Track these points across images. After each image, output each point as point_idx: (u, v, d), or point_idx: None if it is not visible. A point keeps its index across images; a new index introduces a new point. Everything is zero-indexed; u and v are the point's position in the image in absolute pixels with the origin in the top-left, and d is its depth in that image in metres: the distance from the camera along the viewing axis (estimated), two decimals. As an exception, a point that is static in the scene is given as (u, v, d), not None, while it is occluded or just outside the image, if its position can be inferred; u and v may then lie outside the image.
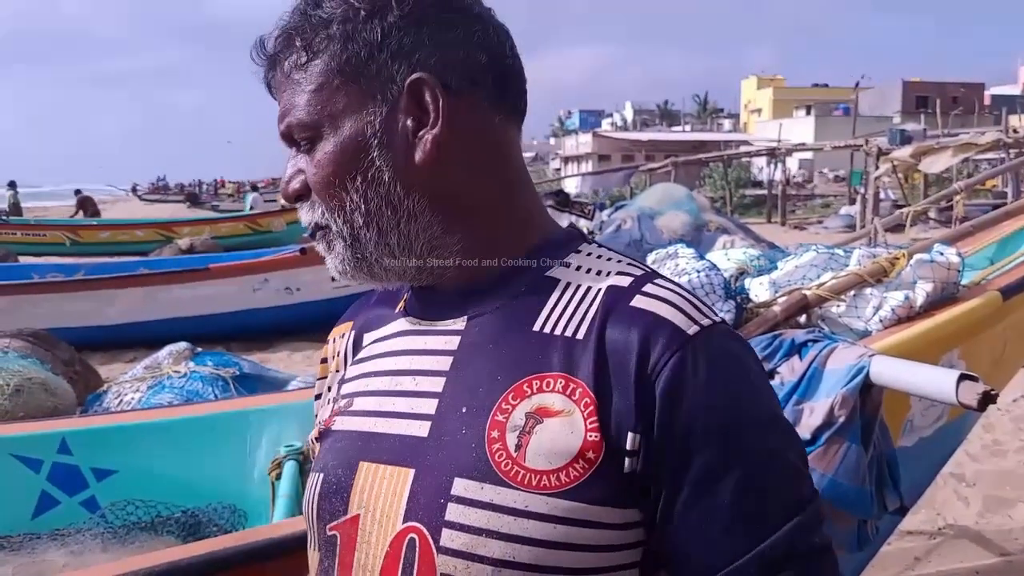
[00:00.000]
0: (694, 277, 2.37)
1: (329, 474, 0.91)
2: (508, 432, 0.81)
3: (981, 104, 46.64)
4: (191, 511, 2.59)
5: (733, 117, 74.96)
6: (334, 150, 0.87)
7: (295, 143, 0.90)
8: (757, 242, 8.57)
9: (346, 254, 0.90)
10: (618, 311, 0.83)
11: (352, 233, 0.89)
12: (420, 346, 0.92)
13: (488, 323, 0.88)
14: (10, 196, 22.65)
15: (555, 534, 0.78)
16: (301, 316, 8.28)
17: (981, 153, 14.32)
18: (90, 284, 8.63)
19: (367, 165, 0.86)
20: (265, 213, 19.39)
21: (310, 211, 0.90)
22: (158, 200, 49.80)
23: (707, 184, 30.38)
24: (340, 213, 0.88)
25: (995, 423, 5.25)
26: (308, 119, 0.87)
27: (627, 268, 0.89)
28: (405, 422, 0.87)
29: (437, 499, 0.81)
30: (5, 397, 3.11)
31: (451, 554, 0.79)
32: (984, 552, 3.59)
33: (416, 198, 0.87)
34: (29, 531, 2.42)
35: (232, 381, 3.62)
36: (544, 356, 0.84)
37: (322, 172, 0.87)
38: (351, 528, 0.86)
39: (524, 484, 0.79)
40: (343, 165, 0.87)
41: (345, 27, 0.86)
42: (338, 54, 0.86)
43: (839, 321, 2.38)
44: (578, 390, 0.81)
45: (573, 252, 0.92)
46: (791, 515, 0.79)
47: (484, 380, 0.85)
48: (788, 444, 0.84)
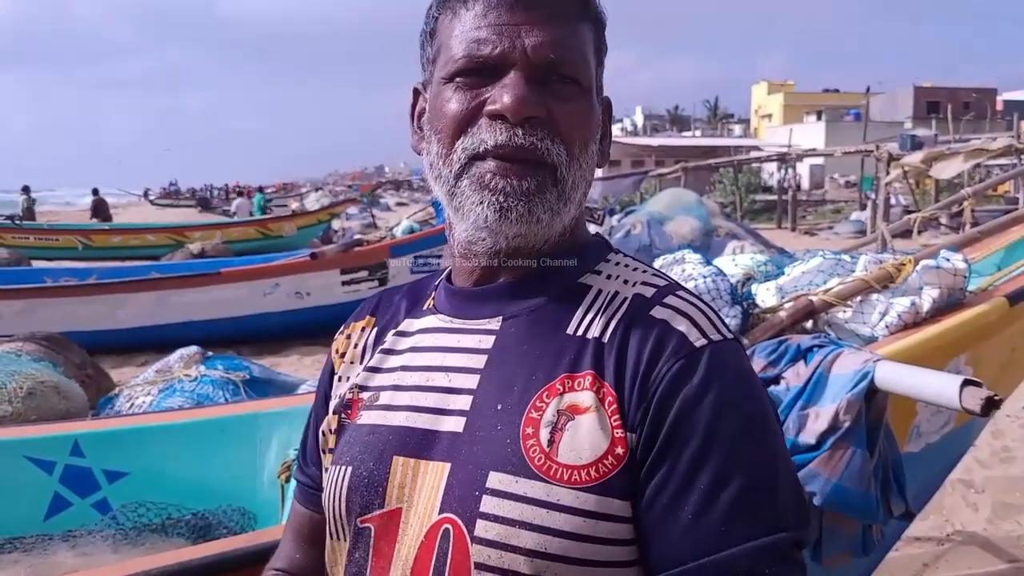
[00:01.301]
0: (701, 283, 2.38)
1: (359, 467, 0.93)
2: (542, 428, 0.84)
3: (993, 109, 46.40)
4: (201, 513, 2.61)
5: (744, 122, 74.77)
6: (594, 110, 0.94)
7: (548, 72, 0.89)
8: (767, 247, 8.55)
9: (554, 204, 0.90)
10: (640, 318, 0.88)
11: (570, 187, 0.91)
12: (454, 344, 0.95)
13: (523, 324, 0.92)
14: (24, 201, 22.78)
15: (584, 527, 0.81)
16: (311, 320, 8.31)
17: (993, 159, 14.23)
18: (102, 288, 8.66)
19: (593, 142, 0.94)
20: (276, 218, 19.47)
21: (541, 137, 0.88)
22: (170, 204, 49.97)
23: (717, 189, 30.29)
24: (576, 165, 0.91)
25: (1004, 429, 5.23)
26: (587, 67, 0.92)
27: (652, 279, 0.94)
28: (439, 417, 0.90)
29: (472, 491, 0.84)
30: (18, 400, 3.14)
31: (485, 544, 0.82)
32: (993, 559, 3.57)
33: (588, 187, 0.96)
34: (41, 532, 2.44)
35: (242, 385, 3.63)
36: (576, 356, 0.88)
37: (585, 119, 0.92)
38: (390, 521, 0.89)
39: (557, 478, 0.82)
40: (595, 127, 0.95)
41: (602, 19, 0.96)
42: (597, 36, 0.95)
43: (845, 327, 2.39)
44: (603, 389, 0.85)
45: (603, 260, 0.97)
46: (762, 533, 0.79)
47: (519, 379, 0.88)
48: (771, 463, 0.84)
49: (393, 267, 8.75)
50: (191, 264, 11.10)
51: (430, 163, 0.94)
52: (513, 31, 0.87)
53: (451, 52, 0.90)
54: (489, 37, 0.88)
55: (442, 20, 0.93)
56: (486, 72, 0.88)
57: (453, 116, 0.89)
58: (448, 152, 0.90)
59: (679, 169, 25.09)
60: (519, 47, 0.87)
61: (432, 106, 0.94)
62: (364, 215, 26.61)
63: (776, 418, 0.90)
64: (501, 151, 0.87)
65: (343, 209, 22.58)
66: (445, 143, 0.91)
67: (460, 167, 0.89)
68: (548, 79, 0.88)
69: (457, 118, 0.89)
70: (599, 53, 0.95)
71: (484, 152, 0.88)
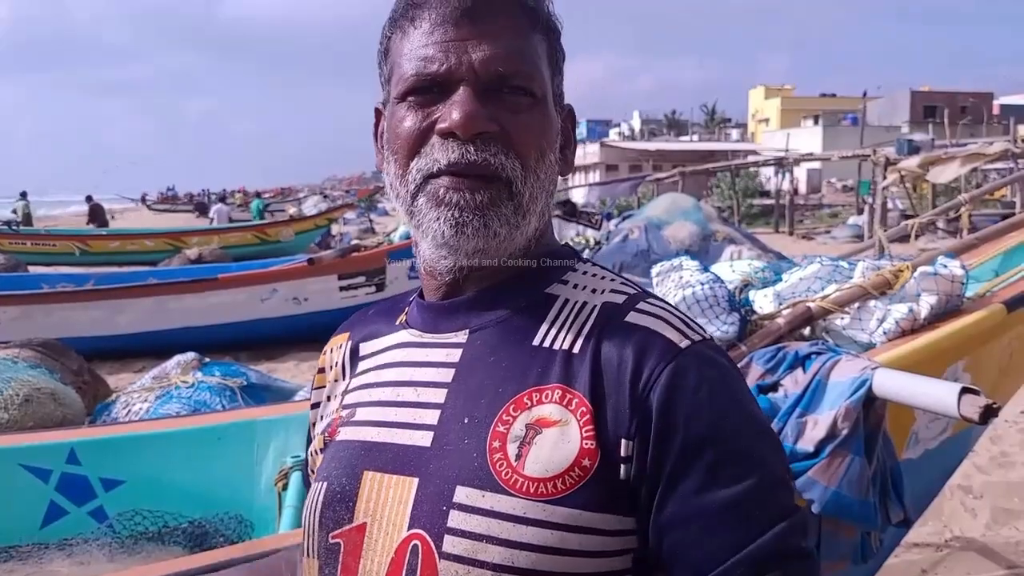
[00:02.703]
0: (698, 289, 2.37)
1: (333, 483, 0.93)
2: (509, 443, 0.84)
3: (990, 114, 46.44)
4: (198, 521, 2.60)
5: (741, 127, 74.82)
6: (549, 120, 0.93)
7: (498, 84, 0.88)
8: (764, 252, 8.57)
9: (509, 217, 0.89)
10: (613, 326, 0.88)
11: (527, 200, 0.90)
12: (422, 358, 0.95)
13: (489, 337, 0.92)
14: (22, 206, 22.76)
15: (552, 540, 0.81)
16: (309, 326, 8.29)
17: (990, 163, 14.26)
18: (99, 294, 8.65)
19: (551, 151, 0.93)
20: (274, 223, 19.48)
21: (493, 153, 0.87)
22: (167, 210, 49.98)
23: (714, 194, 30.34)
24: (531, 178, 0.90)
25: (1002, 435, 5.23)
26: (539, 77, 0.91)
27: (620, 287, 0.94)
28: (408, 432, 0.90)
29: (439, 506, 0.84)
30: (14, 407, 3.13)
31: (453, 559, 0.82)
32: (991, 564, 3.57)
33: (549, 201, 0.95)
34: (37, 541, 2.43)
35: (239, 391, 3.63)
36: (543, 369, 0.87)
37: (538, 132, 0.91)
38: (357, 536, 0.89)
39: (523, 492, 0.82)
40: (551, 137, 0.93)
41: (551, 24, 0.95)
42: (551, 45, 0.95)
43: (843, 333, 2.38)
44: (575, 400, 0.84)
45: (570, 270, 0.97)
46: (777, 519, 0.81)
47: (486, 392, 0.88)
48: (774, 452, 0.87)
49: (391, 272, 8.74)
50: (189, 269, 11.11)
51: (390, 183, 0.94)
52: (460, 47, 0.87)
53: (402, 71, 0.90)
54: (436, 55, 0.88)
55: (393, 39, 0.93)
56: (436, 89, 0.88)
57: (406, 136, 0.89)
58: (404, 172, 0.90)
59: (677, 174, 25.13)
60: (466, 62, 0.87)
61: (388, 126, 0.94)
62: (362, 220, 26.64)
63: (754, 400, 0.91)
64: (454, 168, 0.87)
65: (341, 214, 22.60)
66: (401, 163, 0.91)
67: (416, 187, 0.89)
68: (499, 92, 0.88)
69: (410, 138, 0.89)
70: (554, 62, 0.94)
71: (438, 171, 0.88)
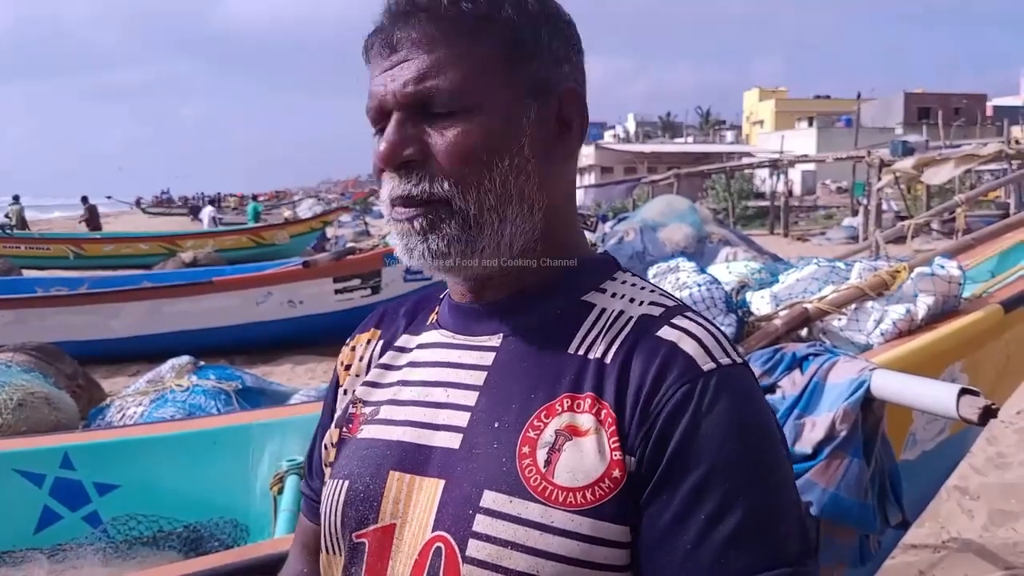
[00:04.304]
0: (695, 291, 2.37)
1: (356, 482, 0.92)
2: (539, 449, 0.83)
3: (983, 115, 46.56)
4: (193, 525, 2.59)
5: (735, 129, 74.98)
6: (491, 127, 0.86)
7: (422, 106, 0.86)
8: (760, 254, 8.55)
9: (457, 234, 0.86)
10: (645, 339, 0.85)
11: (476, 214, 0.86)
12: (454, 359, 0.93)
13: (523, 342, 0.90)
14: (15, 210, 22.71)
15: (577, 551, 0.79)
16: (304, 329, 8.30)
17: (983, 164, 14.31)
18: (94, 298, 8.63)
19: (517, 151, 0.87)
20: (269, 226, 19.46)
21: (416, 183, 0.86)
22: (162, 213, 49.90)
23: (709, 196, 30.41)
24: (474, 191, 0.85)
25: (999, 436, 5.24)
26: (466, 87, 0.85)
27: (659, 299, 0.91)
28: (436, 433, 0.89)
29: (466, 510, 0.83)
30: (8, 411, 3.11)
31: (476, 564, 0.81)
32: (988, 565, 3.57)
33: (542, 198, 0.90)
34: (31, 546, 2.42)
35: (234, 395, 3.61)
36: (577, 377, 0.86)
37: (468, 145, 0.85)
38: (384, 537, 0.88)
39: (551, 500, 0.80)
40: (495, 144, 0.86)
41: (517, 11, 0.87)
42: (510, 35, 0.87)
43: (840, 335, 2.38)
44: (604, 411, 0.83)
45: (609, 279, 0.94)
46: (766, 566, 0.77)
47: (517, 397, 0.86)
48: (779, 495, 0.82)
49: (386, 275, 8.72)
50: (183, 273, 11.06)
51: None
52: (388, 77, 0.87)
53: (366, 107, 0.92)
54: (374, 90, 0.89)
55: None
56: (385, 122, 0.89)
57: (374, 168, 0.91)
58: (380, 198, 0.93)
59: (672, 176, 25.20)
60: (390, 92, 0.87)
61: None
62: (357, 223, 26.62)
63: (784, 443, 0.86)
64: (394, 201, 0.89)
65: (336, 217, 22.58)
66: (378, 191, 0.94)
67: (387, 212, 0.91)
68: (427, 113, 0.86)
69: (375, 170, 0.91)
70: (515, 53, 0.87)
71: (389, 202, 0.90)
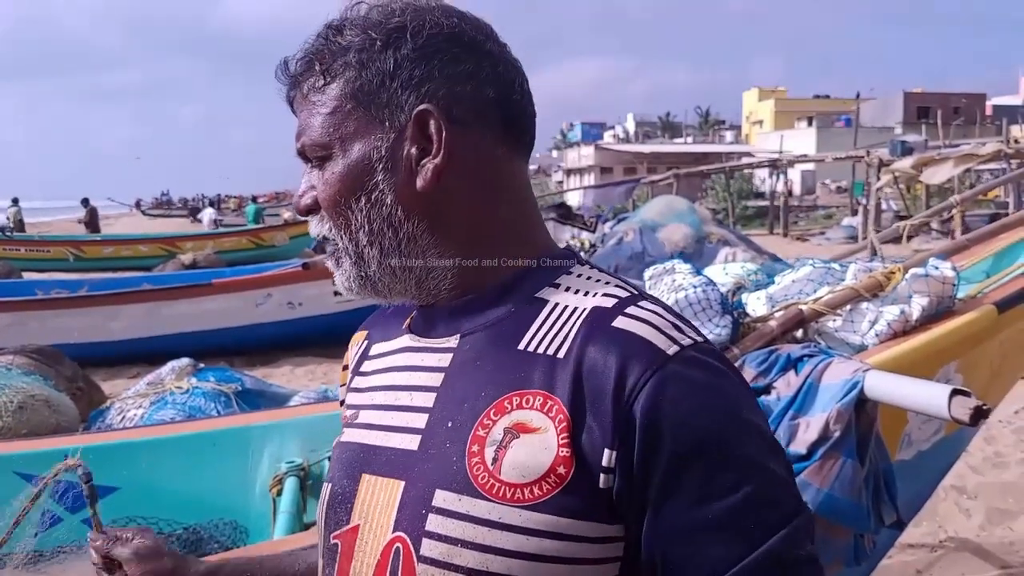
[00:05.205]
0: (691, 292, 2.38)
1: (335, 485, 0.96)
2: (487, 447, 0.84)
3: (983, 114, 46.52)
4: (193, 527, 2.60)
5: (735, 129, 74.95)
6: (342, 171, 0.92)
7: (309, 160, 0.95)
8: (759, 254, 8.57)
9: (352, 271, 0.95)
10: (599, 331, 0.85)
11: (357, 251, 0.93)
12: (417, 362, 0.96)
13: (478, 341, 0.92)
14: (14, 212, 22.73)
15: (527, 545, 0.80)
16: (304, 331, 8.31)
17: (983, 164, 14.32)
18: (94, 300, 8.65)
19: (371, 187, 0.91)
20: (268, 228, 19.46)
21: (319, 225, 0.95)
22: (161, 215, 49.89)
23: (709, 196, 30.44)
24: (346, 231, 0.93)
25: (997, 435, 5.25)
26: (320, 139, 0.92)
27: (613, 289, 0.90)
28: (399, 436, 0.91)
29: (420, 510, 0.85)
30: (8, 414, 3.13)
31: (429, 563, 0.82)
32: (986, 565, 3.58)
33: (416, 222, 0.91)
34: (31, 549, 2.43)
35: (234, 397, 3.63)
36: (526, 374, 0.86)
37: (330, 190, 0.92)
38: (351, 538, 0.91)
39: (499, 496, 0.82)
40: (349, 185, 0.91)
41: (361, 56, 0.91)
42: (353, 80, 0.91)
43: (835, 336, 2.39)
44: (554, 407, 0.83)
45: (565, 273, 0.94)
46: (778, 526, 0.79)
47: (470, 396, 0.88)
48: (772, 455, 0.84)
49: (385, 276, 8.71)
50: (183, 275, 11.07)
51: None
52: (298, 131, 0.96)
53: None
54: None
55: None
56: None
57: None
58: None
59: (671, 176, 25.19)
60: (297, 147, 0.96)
61: None
62: (357, 224, 26.55)
63: (755, 403, 0.88)
64: None
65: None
66: None
67: None
68: (313, 163, 0.95)
69: None
70: (365, 90, 0.91)
71: None
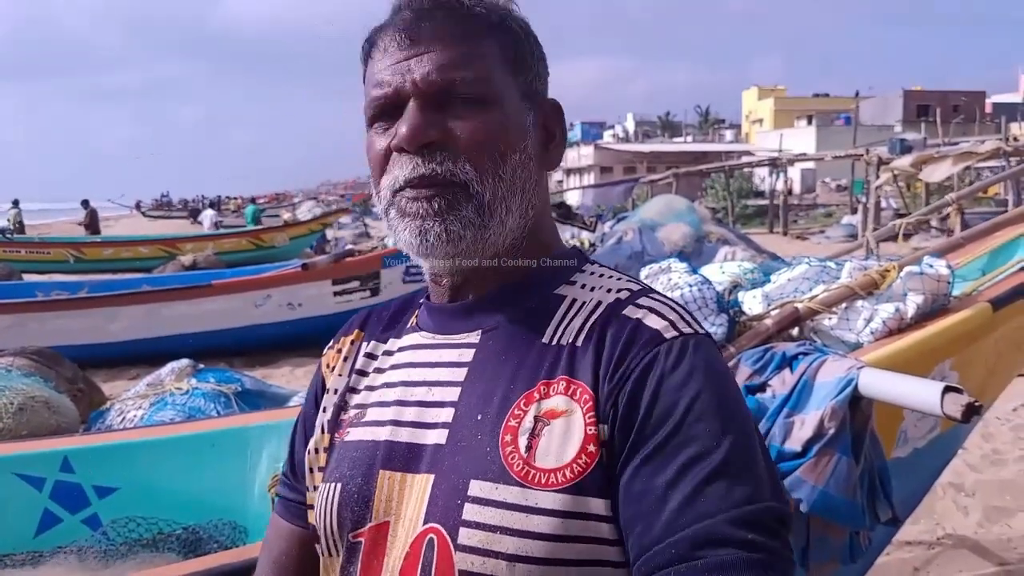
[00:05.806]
0: (687, 291, 2.39)
1: (348, 483, 0.96)
2: (520, 436, 0.87)
3: (982, 112, 46.45)
4: (192, 527, 2.61)
5: (734, 128, 74.90)
6: (507, 121, 0.94)
7: (445, 95, 0.92)
8: (759, 253, 8.56)
9: (472, 218, 0.92)
10: (613, 318, 0.91)
11: (490, 199, 0.92)
12: (434, 359, 0.98)
13: (500, 337, 0.95)
14: (14, 214, 22.73)
15: (562, 528, 0.83)
16: (303, 331, 8.30)
17: (982, 161, 14.32)
18: (94, 301, 8.64)
19: (524, 148, 0.96)
20: (268, 228, 19.45)
21: (440, 162, 0.91)
22: (161, 216, 49.87)
23: (708, 195, 30.41)
24: (491, 177, 0.92)
25: (994, 433, 5.25)
26: (487, 80, 0.93)
27: (627, 284, 0.97)
28: (422, 431, 0.93)
29: (454, 500, 0.87)
30: (9, 416, 3.13)
31: (468, 551, 0.84)
32: (983, 562, 3.58)
33: (535, 199, 0.98)
34: (32, 549, 2.44)
35: (234, 397, 3.63)
36: (551, 364, 0.91)
37: (490, 133, 0.92)
38: (378, 534, 0.92)
39: (534, 483, 0.84)
40: (512, 137, 0.94)
41: (516, 27, 0.98)
42: (510, 46, 0.96)
43: (831, 333, 2.40)
44: (579, 389, 0.87)
45: (578, 271, 1.00)
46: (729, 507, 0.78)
47: (498, 389, 0.91)
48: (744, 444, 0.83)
49: (385, 277, 8.74)
50: (183, 276, 11.07)
51: (375, 201, 1.00)
52: (404, 67, 0.92)
53: (367, 98, 0.96)
54: (386, 79, 0.93)
55: (366, 68, 0.99)
56: (393, 111, 0.93)
57: (375, 159, 0.96)
58: (378, 191, 0.97)
59: (671, 175, 25.21)
60: (410, 80, 0.92)
61: (365, 149, 0.99)
62: (357, 225, 26.66)
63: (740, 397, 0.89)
64: (411, 181, 0.92)
65: (336, 219, 22.59)
66: (375, 183, 0.97)
67: (387, 203, 0.95)
68: (448, 102, 0.92)
69: (378, 160, 0.95)
70: (520, 61, 0.97)
71: (400, 186, 0.93)
